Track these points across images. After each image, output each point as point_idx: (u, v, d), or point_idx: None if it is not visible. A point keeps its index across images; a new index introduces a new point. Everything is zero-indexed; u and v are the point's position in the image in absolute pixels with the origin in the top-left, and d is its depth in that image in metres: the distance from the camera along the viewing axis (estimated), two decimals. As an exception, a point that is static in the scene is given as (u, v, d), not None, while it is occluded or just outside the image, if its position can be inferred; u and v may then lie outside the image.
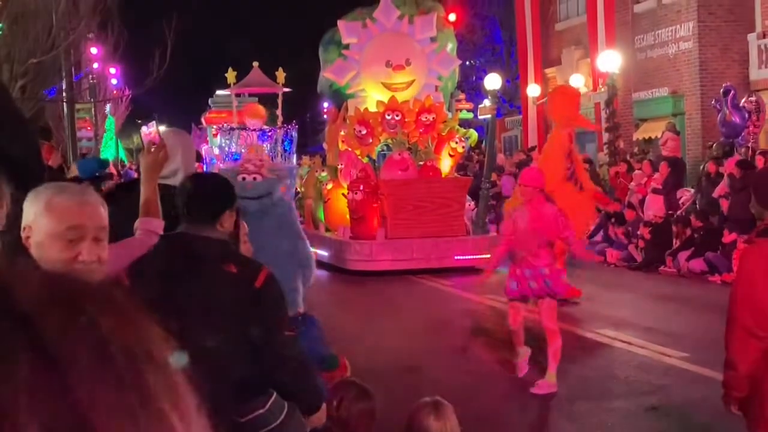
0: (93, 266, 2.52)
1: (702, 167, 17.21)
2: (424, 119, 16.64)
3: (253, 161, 7.12)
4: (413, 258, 15.10)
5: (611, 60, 21.60)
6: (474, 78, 31.54)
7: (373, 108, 16.80)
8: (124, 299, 0.59)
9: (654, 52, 22.94)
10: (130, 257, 3.26)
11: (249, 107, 24.34)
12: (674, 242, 15.11)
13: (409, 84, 16.99)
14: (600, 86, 23.22)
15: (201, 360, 0.64)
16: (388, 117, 16.53)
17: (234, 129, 22.69)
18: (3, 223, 2.51)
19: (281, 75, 23.06)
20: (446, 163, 16.85)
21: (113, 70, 39.76)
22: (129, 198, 3.71)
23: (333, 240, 16.19)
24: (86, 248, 2.52)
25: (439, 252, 15.24)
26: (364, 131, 16.61)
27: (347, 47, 17.30)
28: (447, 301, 12.64)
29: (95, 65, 34.68)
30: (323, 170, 18.29)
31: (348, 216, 16.03)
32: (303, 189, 18.61)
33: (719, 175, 15.88)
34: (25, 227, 2.56)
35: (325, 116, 25.37)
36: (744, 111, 17.27)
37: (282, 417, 3.42)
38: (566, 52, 26.56)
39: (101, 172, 8.50)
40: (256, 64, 23.81)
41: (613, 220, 16.54)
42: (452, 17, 24.01)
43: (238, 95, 25.11)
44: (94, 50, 33.36)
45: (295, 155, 22.18)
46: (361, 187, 15.57)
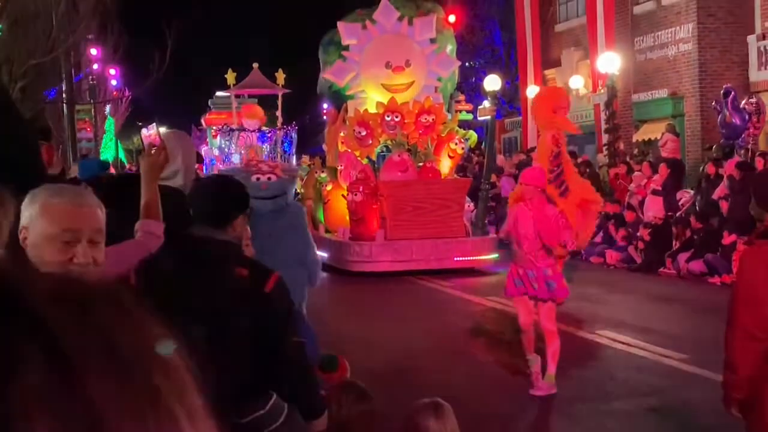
0: (88, 268, 2.52)
1: (702, 169, 17.21)
2: (424, 120, 16.64)
3: (267, 162, 7.13)
4: (413, 259, 15.11)
5: (611, 61, 21.61)
6: (474, 79, 31.51)
7: (373, 109, 16.80)
8: (133, 300, 0.59)
9: (654, 54, 22.95)
10: (130, 259, 3.26)
11: (247, 108, 24.37)
12: (674, 244, 15.11)
13: (409, 85, 16.99)
14: (600, 87, 23.20)
15: (204, 361, 0.64)
16: (388, 118, 16.53)
17: (234, 130, 22.71)
18: (7, 235, 2.52)
19: (281, 76, 23.06)
20: (446, 165, 16.85)
21: (113, 71, 39.78)
22: (129, 197, 3.70)
23: (333, 241, 16.19)
24: (81, 250, 2.52)
25: (439, 253, 15.25)
26: (364, 132, 16.61)
27: (347, 48, 17.30)
28: (446, 302, 12.64)
29: (95, 66, 34.70)
30: (323, 171, 18.30)
31: (348, 217, 16.03)
32: (303, 190, 18.61)
33: (719, 177, 15.87)
34: (22, 228, 2.57)
35: (325, 117, 25.34)
36: (744, 112, 17.26)
37: (282, 418, 3.43)
38: (566, 54, 26.56)
39: (102, 174, 8.50)
40: (256, 66, 23.82)
41: (613, 222, 16.54)
42: (452, 18, 24.00)
43: (238, 96, 25.12)
44: (94, 51, 33.40)
45: (295, 156, 22.22)
46: (361, 189, 15.57)
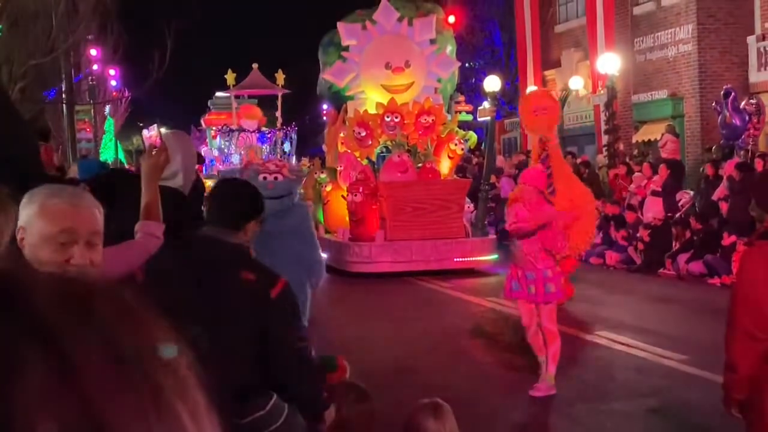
0: (85, 270, 2.52)
1: (702, 170, 17.21)
2: (424, 121, 16.64)
3: (274, 161, 7.14)
4: (412, 260, 15.10)
5: (611, 62, 21.61)
6: (473, 80, 31.50)
7: (373, 110, 16.79)
8: (135, 300, 0.59)
9: (653, 55, 22.95)
10: (129, 260, 3.26)
11: (245, 109, 24.39)
12: (674, 244, 15.11)
13: (409, 86, 16.99)
14: (599, 88, 23.20)
15: (205, 361, 0.64)
16: (388, 119, 16.52)
17: (233, 131, 22.72)
18: (9, 239, 2.52)
19: (281, 77, 23.08)
20: (445, 165, 16.85)
21: (113, 72, 39.78)
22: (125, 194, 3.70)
23: (332, 242, 16.18)
24: (78, 252, 2.52)
25: (439, 254, 15.24)
26: (364, 133, 16.61)
27: (347, 49, 17.29)
28: (446, 303, 12.63)
29: (95, 67, 34.71)
30: (323, 172, 18.29)
31: (347, 218, 16.02)
32: (302, 190, 18.60)
33: (718, 178, 15.88)
34: (20, 228, 2.57)
35: (325, 118, 25.34)
36: (744, 113, 17.26)
37: (282, 419, 3.43)
38: (566, 54, 26.56)
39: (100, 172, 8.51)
40: (256, 66, 23.82)
41: (613, 223, 16.54)
42: (452, 19, 23.98)
43: (238, 97, 25.13)
44: (94, 52, 33.40)
45: (295, 157, 22.23)
46: (361, 189, 15.56)
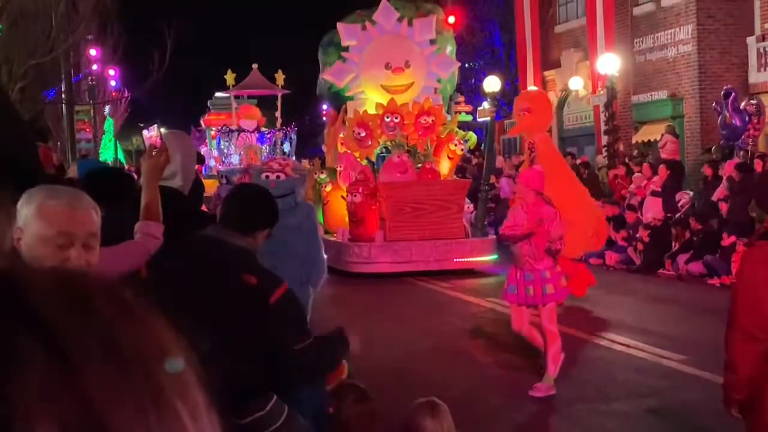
0: (85, 268, 2.52)
1: (702, 170, 17.22)
2: (423, 121, 16.64)
3: (278, 160, 7.15)
4: (412, 260, 15.10)
5: (610, 63, 21.61)
6: (473, 80, 31.51)
7: (372, 110, 16.79)
8: (135, 298, 0.59)
9: (653, 55, 22.94)
10: (128, 260, 3.26)
11: (244, 109, 24.40)
12: (673, 245, 15.11)
13: (409, 86, 16.98)
14: (599, 89, 23.20)
15: (205, 361, 0.64)
16: (387, 119, 16.52)
17: (233, 131, 22.73)
18: (11, 240, 2.52)
19: (280, 77, 23.09)
20: (445, 166, 16.85)
21: (112, 72, 39.78)
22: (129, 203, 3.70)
23: (332, 242, 16.16)
24: (75, 254, 2.53)
25: (438, 254, 15.24)
26: (363, 133, 16.60)
27: (346, 49, 17.28)
28: (446, 303, 12.63)
29: (94, 67, 34.71)
30: (322, 172, 18.28)
31: (347, 218, 16.01)
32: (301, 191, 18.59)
33: (716, 178, 15.88)
34: (17, 228, 2.57)
35: (324, 118, 25.34)
36: (744, 114, 17.26)
37: (282, 419, 3.43)
38: (565, 55, 26.55)
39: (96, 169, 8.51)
40: (256, 66, 23.83)
41: (612, 223, 16.53)
42: (451, 19, 24.00)
43: (237, 97, 25.13)
44: (94, 52, 33.39)
45: (294, 158, 22.21)
46: (360, 190, 15.56)
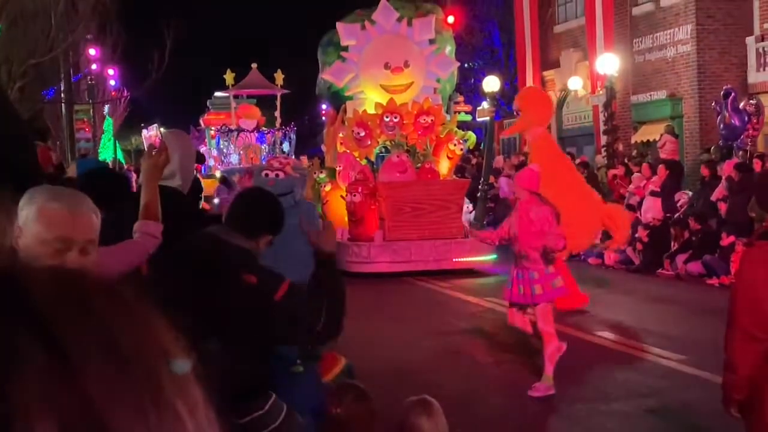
0: (84, 267, 2.52)
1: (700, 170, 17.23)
2: (423, 121, 16.64)
3: (279, 158, 7.16)
4: (411, 260, 15.09)
5: (610, 63, 21.61)
6: (472, 80, 31.50)
7: (372, 110, 16.78)
8: (135, 298, 0.59)
9: (652, 55, 22.94)
10: (128, 259, 3.25)
11: (243, 108, 24.39)
12: (672, 245, 15.12)
13: (408, 86, 16.98)
14: (598, 89, 23.20)
15: (204, 360, 0.64)
16: (387, 119, 16.52)
17: (232, 131, 22.72)
18: (11, 239, 2.52)
19: (280, 77, 23.08)
20: (444, 165, 16.85)
21: (111, 72, 39.74)
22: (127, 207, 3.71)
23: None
24: (72, 259, 2.53)
25: (438, 254, 15.24)
26: (363, 133, 16.60)
27: (346, 49, 17.27)
28: (445, 303, 12.63)
29: (94, 66, 34.68)
30: (321, 172, 18.28)
31: (346, 218, 16.01)
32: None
33: (714, 178, 15.87)
34: (16, 227, 2.56)
35: (324, 118, 25.34)
36: (744, 114, 17.26)
37: (281, 418, 3.42)
38: (565, 55, 26.55)
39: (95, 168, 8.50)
40: (255, 66, 23.82)
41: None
42: (451, 19, 23.99)
43: (237, 97, 25.12)
44: (93, 51, 33.38)
45: (294, 157, 22.21)
46: (360, 189, 15.56)
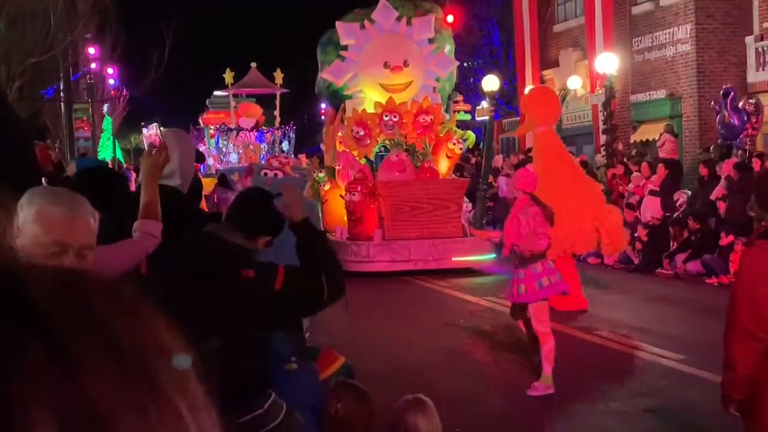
0: (84, 266, 2.52)
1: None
2: (422, 120, 16.64)
3: (279, 158, 7.21)
4: (410, 259, 15.10)
5: (609, 62, 21.59)
6: (472, 79, 31.50)
7: (371, 109, 16.78)
8: (135, 297, 0.59)
9: (652, 55, 22.94)
10: (127, 258, 3.25)
11: (244, 107, 24.41)
12: (671, 244, 15.12)
13: (407, 85, 16.98)
14: (597, 88, 23.19)
15: (204, 359, 0.64)
16: (386, 118, 16.52)
17: (231, 129, 22.73)
18: (11, 238, 2.52)
19: (279, 76, 23.10)
20: (444, 165, 16.85)
21: (111, 71, 39.73)
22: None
23: (330, 241, 16.17)
24: (68, 263, 2.52)
25: (437, 253, 15.24)
26: (362, 132, 16.60)
27: (345, 48, 17.27)
28: (444, 303, 12.63)
29: (93, 65, 34.68)
30: (321, 171, 18.28)
31: (345, 217, 16.01)
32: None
33: (713, 178, 15.87)
34: (15, 228, 2.56)
35: (323, 117, 25.34)
36: (743, 113, 17.27)
37: (280, 417, 3.42)
38: (564, 54, 26.54)
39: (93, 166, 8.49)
40: (254, 65, 23.82)
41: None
42: (450, 19, 23.98)
43: (236, 96, 25.13)
44: (92, 50, 33.38)
45: (293, 156, 22.21)
46: (359, 188, 15.56)
